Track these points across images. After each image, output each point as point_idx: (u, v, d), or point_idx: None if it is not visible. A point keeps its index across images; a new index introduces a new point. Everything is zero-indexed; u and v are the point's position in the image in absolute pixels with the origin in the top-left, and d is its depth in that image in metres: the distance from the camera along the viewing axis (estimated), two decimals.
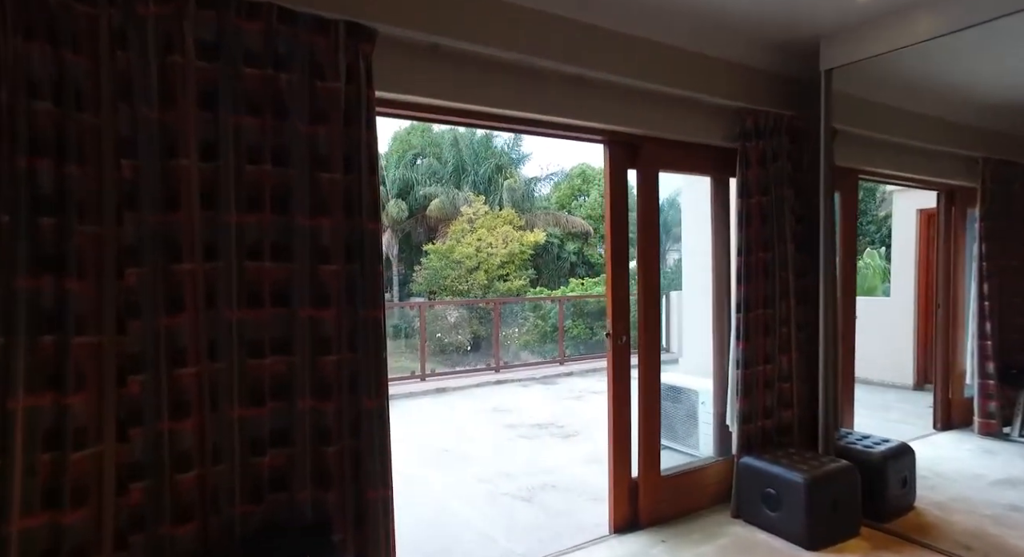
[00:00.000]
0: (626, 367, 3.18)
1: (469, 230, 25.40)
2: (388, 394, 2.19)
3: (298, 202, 1.99)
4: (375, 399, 2.11)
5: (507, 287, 24.39)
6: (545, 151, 39.04)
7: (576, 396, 6.49)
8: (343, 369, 2.07)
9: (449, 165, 30.32)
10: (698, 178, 4.52)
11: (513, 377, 7.34)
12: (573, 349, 16.53)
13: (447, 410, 5.98)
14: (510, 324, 24.75)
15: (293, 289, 1.99)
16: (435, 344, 23.91)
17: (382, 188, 26.96)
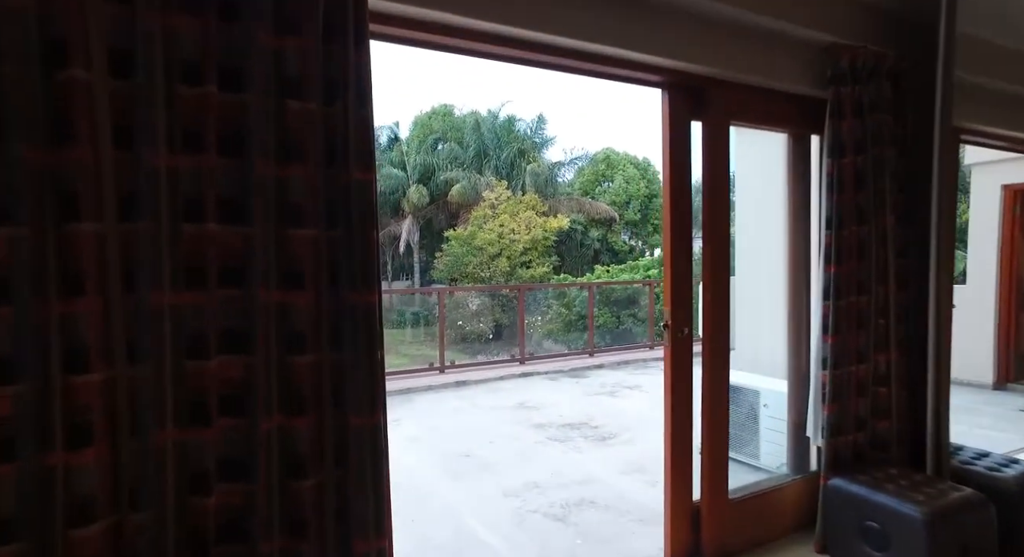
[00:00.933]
0: (687, 365, 2.58)
1: (491, 216, 24.84)
2: (385, 406, 1.64)
3: (258, 141, 1.43)
4: (367, 415, 1.56)
5: (530, 274, 23.82)
6: (569, 134, 38.11)
7: (609, 391, 5.91)
8: (323, 374, 1.52)
9: (471, 150, 29.71)
10: (757, 138, 3.88)
11: (539, 369, 6.78)
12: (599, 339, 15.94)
13: (468, 406, 5.45)
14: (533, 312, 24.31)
15: (252, 263, 1.43)
16: (456, 332, 23.54)
17: (403, 173, 26.77)
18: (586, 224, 32.08)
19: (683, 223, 2.55)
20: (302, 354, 1.49)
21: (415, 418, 5.04)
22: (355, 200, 1.54)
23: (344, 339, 1.53)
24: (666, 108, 2.51)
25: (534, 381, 6.46)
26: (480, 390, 6.06)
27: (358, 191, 1.55)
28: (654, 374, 6.68)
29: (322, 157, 1.52)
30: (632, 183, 35.53)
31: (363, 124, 1.57)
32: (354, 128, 1.55)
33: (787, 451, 3.09)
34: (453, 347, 22.79)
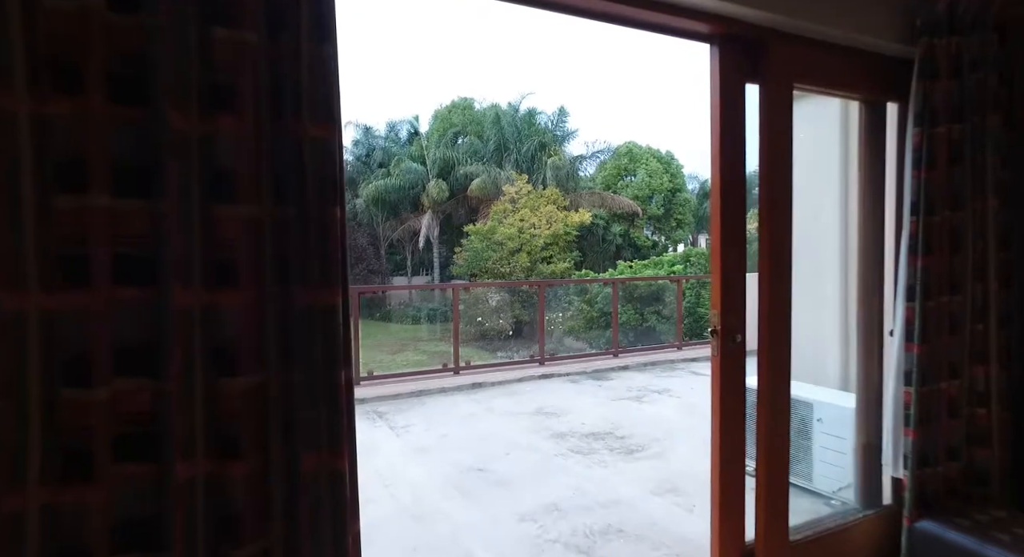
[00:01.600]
0: (739, 378, 2.14)
1: (511, 210, 24.42)
2: (353, 443, 1.23)
3: (168, 83, 1.03)
4: (327, 456, 1.15)
5: (551, 270, 23.37)
6: (591, 127, 37.63)
7: (635, 396, 5.46)
8: (266, 401, 1.12)
9: (491, 143, 29.29)
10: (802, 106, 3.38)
11: (560, 371, 6.36)
12: (623, 337, 15.38)
13: (483, 411, 5.05)
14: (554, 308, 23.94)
15: (163, 252, 1.04)
16: (475, 329, 23.22)
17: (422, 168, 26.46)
18: (608, 219, 31.50)
19: (735, 209, 2.10)
20: (236, 375, 1.09)
21: (426, 424, 4.65)
22: (310, 166, 1.14)
23: (295, 353, 1.13)
24: (716, 68, 2.06)
25: (554, 383, 6.04)
26: (497, 393, 5.66)
27: (314, 153, 1.14)
28: (683, 377, 6.21)
29: (265, 107, 1.11)
30: (655, 177, 34.79)
31: (323, 65, 1.16)
32: (309, 69, 1.14)
33: (854, 479, 2.63)
34: (472, 344, 22.45)
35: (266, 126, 1.11)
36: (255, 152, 1.10)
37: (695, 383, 5.93)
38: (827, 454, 3.13)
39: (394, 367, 18.53)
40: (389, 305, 30.82)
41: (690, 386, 5.77)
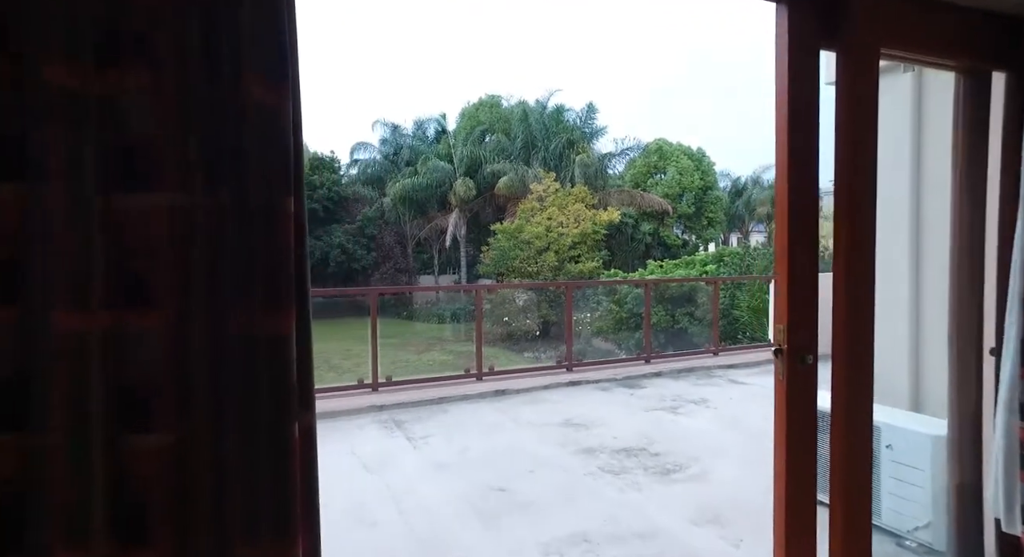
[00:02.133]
0: (809, 405, 1.76)
1: (539, 209, 24.09)
2: (316, 526, 0.91)
3: (41, 25, 0.74)
4: (273, 547, 0.84)
5: (578, 269, 22.97)
6: (621, 124, 37.00)
7: (670, 406, 5.08)
8: (188, 469, 0.82)
9: (518, 141, 28.98)
10: None
11: (589, 377, 6.00)
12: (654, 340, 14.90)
13: (507, 422, 4.74)
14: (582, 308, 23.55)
15: (33, 257, 0.75)
16: (503, 329, 22.96)
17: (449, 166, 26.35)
18: (637, 217, 30.93)
19: (806, 200, 1.73)
20: (145, 429, 0.79)
21: (445, 435, 4.36)
22: (255, 140, 0.83)
23: (227, 402, 0.82)
24: (783, 32, 1.69)
25: (583, 391, 5.70)
26: (522, 401, 5.34)
27: (261, 124, 0.83)
28: (721, 386, 5.80)
29: (191, 61, 0.81)
30: (686, 175, 34.03)
31: (273, 9, 0.85)
32: (253, 10, 0.83)
33: (942, 520, 2.23)
34: (498, 344, 22.17)
35: (193, 86, 0.81)
36: (177, 120, 0.80)
37: (734, 392, 5.52)
38: (900, 487, 2.73)
39: (420, 366, 18.38)
40: (415, 304, 30.77)
41: (728, 396, 5.37)
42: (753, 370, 6.43)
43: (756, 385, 5.79)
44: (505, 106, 32.13)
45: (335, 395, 5.02)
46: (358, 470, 3.64)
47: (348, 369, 18.01)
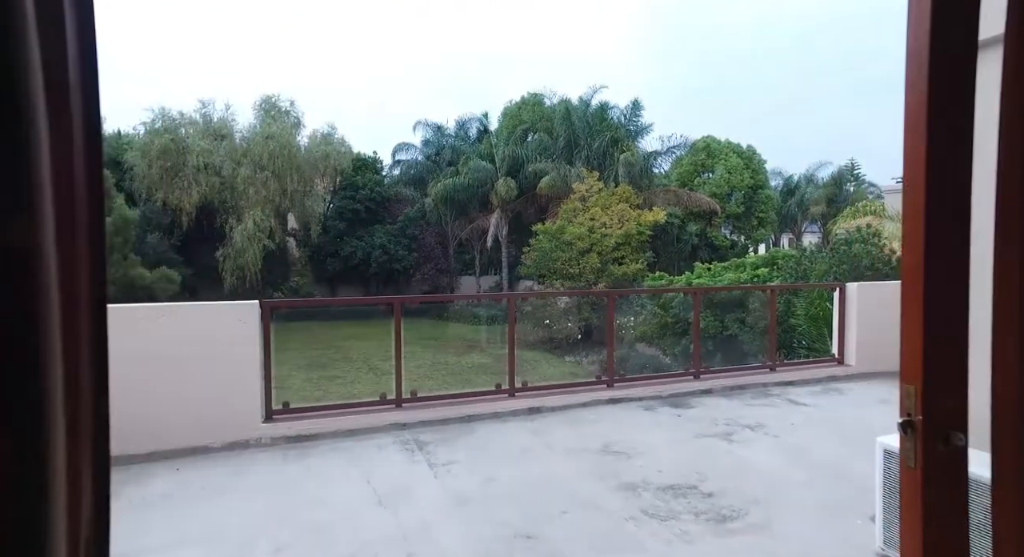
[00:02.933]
0: (959, 510, 1.25)
1: (581, 209, 23.54)
2: None
3: None
4: None
5: (622, 271, 22.33)
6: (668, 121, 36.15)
7: (723, 432, 4.55)
8: None
9: (560, 140, 28.48)
10: None
11: (632, 394, 5.51)
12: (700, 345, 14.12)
13: (540, 446, 4.31)
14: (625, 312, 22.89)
15: None
16: (543, 331, 22.50)
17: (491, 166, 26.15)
18: (683, 218, 30.02)
19: (956, 202, 1.23)
20: None
21: (471, 461, 3.96)
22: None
23: None
24: None
25: (625, 411, 5.21)
26: (557, 421, 4.90)
27: None
28: (779, 407, 5.22)
29: None
30: (735, 173, 32.86)
31: None
32: None
33: None
34: (538, 348, 21.75)
35: None
36: None
37: (795, 416, 4.94)
38: None
39: (460, 368, 18.17)
40: (455, 305, 30.67)
41: (789, 420, 4.79)
42: (814, 388, 5.81)
43: (819, 407, 5.19)
44: (548, 104, 31.68)
45: (356, 411, 4.70)
46: (370, 505, 3.28)
47: (387, 371, 17.89)
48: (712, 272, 16.54)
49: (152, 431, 4.00)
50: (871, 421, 4.69)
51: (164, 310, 4.15)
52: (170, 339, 4.07)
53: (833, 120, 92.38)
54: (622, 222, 23.54)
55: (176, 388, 4.05)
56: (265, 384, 4.40)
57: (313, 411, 4.59)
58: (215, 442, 4.16)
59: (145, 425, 3.98)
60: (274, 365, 4.54)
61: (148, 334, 4.01)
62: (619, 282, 22.67)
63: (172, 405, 4.04)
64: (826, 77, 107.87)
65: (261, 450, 4.18)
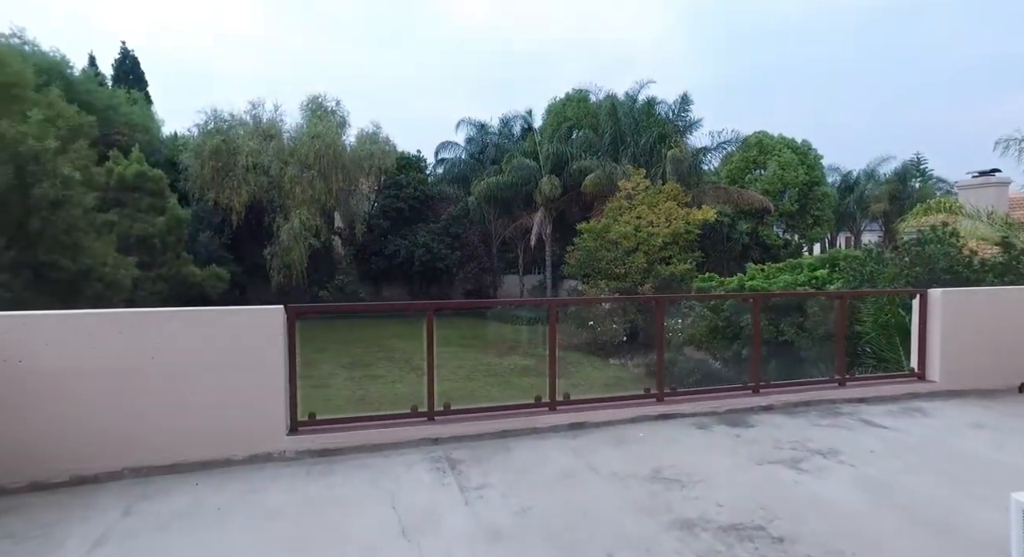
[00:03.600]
0: None
1: (627, 207, 22.91)
2: None
3: None
4: None
5: (669, 271, 21.59)
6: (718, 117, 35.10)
7: (790, 458, 4.04)
8: None
9: (606, 136, 27.84)
10: None
11: (684, 410, 5.03)
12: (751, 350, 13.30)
13: (582, 469, 3.90)
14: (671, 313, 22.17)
15: None
16: (587, 333, 21.97)
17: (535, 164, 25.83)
18: (733, 216, 28.94)
19: None
20: None
21: (505, 486, 3.60)
22: None
23: None
24: None
25: (677, 429, 4.75)
26: (602, 439, 4.48)
27: None
28: (853, 429, 4.65)
29: None
30: (788, 170, 31.48)
31: None
32: None
33: None
34: (582, 349, 21.23)
35: None
36: None
37: (872, 441, 4.36)
38: None
39: (502, 370, 17.85)
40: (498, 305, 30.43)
41: (868, 447, 4.22)
42: (891, 407, 5.19)
43: (901, 431, 4.60)
44: (593, 100, 31.06)
45: (385, 424, 4.40)
46: (393, 535, 2.95)
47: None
48: (766, 274, 15.73)
49: (175, 442, 3.80)
50: (971, 452, 4.10)
51: (188, 316, 3.94)
52: (193, 346, 3.86)
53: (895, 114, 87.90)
54: (670, 221, 22.80)
55: (199, 397, 3.84)
56: (290, 394, 4.16)
57: (340, 423, 4.32)
58: (237, 454, 3.94)
59: (169, 436, 3.79)
60: (317, 363, 4.28)
61: (169, 340, 3.81)
62: (666, 282, 21.93)
63: (195, 415, 3.84)
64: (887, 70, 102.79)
65: (284, 465, 3.94)
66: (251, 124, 25.38)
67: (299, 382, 4.22)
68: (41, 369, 3.55)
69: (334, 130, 25.22)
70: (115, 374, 3.67)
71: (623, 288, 21.79)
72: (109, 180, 18.03)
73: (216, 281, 19.27)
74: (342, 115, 26.61)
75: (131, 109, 26.09)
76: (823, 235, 34.69)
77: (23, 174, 11.87)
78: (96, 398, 3.64)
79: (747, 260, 29.47)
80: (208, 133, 24.01)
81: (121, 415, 3.69)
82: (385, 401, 14.09)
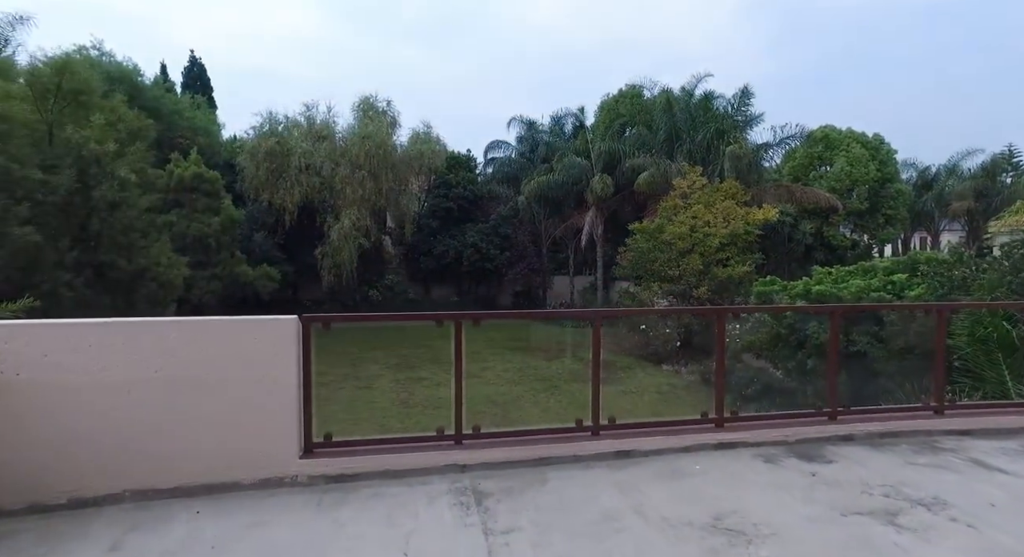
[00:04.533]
0: None
1: (682, 206, 21.92)
2: None
3: None
4: None
5: (727, 274, 20.49)
6: (780, 112, 33.52)
7: (883, 507, 3.35)
8: None
9: (660, 133, 26.84)
10: None
11: (747, 439, 4.39)
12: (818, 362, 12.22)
13: (628, 511, 3.35)
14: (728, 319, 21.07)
15: None
16: (639, 336, 21.12)
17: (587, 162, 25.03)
18: (796, 215, 27.38)
19: None
20: None
21: (537, 530, 3.09)
22: None
23: None
24: None
25: (739, 460, 4.11)
26: (652, 472, 3.90)
27: None
28: (963, 472, 3.87)
29: None
30: (857, 166, 29.55)
31: None
32: None
33: None
34: (634, 354, 20.44)
35: None
36: None
37: (991, 490, 3.57)
38: None
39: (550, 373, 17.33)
40: (549, 306, 29.87)
41: (985, 498, 3.44)
42: (1007, 444, 4.36)
43: None
44: (647, 96, 30.05)
45: (408, 448, 3.97)
46: None
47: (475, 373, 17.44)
48: (834, 277, 14.55)
49: (179, 463, 3.49)
50: None
51: (194, 326, 3.62)
52: (198, 358, 3.53)
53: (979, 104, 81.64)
54: (727, 220, 21.67)
55: (205, 415, 3.52)
56: (304, 412, 3.78)
57: (358, 445, 3.91)
58: (246, 478, 3.58)
59: (172, 457, 3.48)
60: (365, 363, 3.89)
61: (173, 352, 3.49)
62: (723, 285, 20.85)
63: (200, 434, 3.51)
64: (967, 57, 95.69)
65: (295, 492, 3.56)
66: (305, 125, 25.76)
67: (345, 383, 3.85)
68: (39, 382, 3.29)
69: (384, 130, 25.28)
70: (116, 388, 3.37)
71: (677, 291, 20.83)
72: (170, 182, 18.54)
73: (267, 280, 19.55)
74: (393, 115, 26.67)
75: (194, 114, 26.96)
76: (896, 235, 32.46)
77: (85, 177, 12.19)
78: (96, 413, 3.36)
79: (810, 262, 27.80)
80: (263, 135, 24.49)
81: (122, 432, 3.40)
82: (428, 405, 13.81)
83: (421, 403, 14.06)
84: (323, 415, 3.94)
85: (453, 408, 4.08)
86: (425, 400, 14.30)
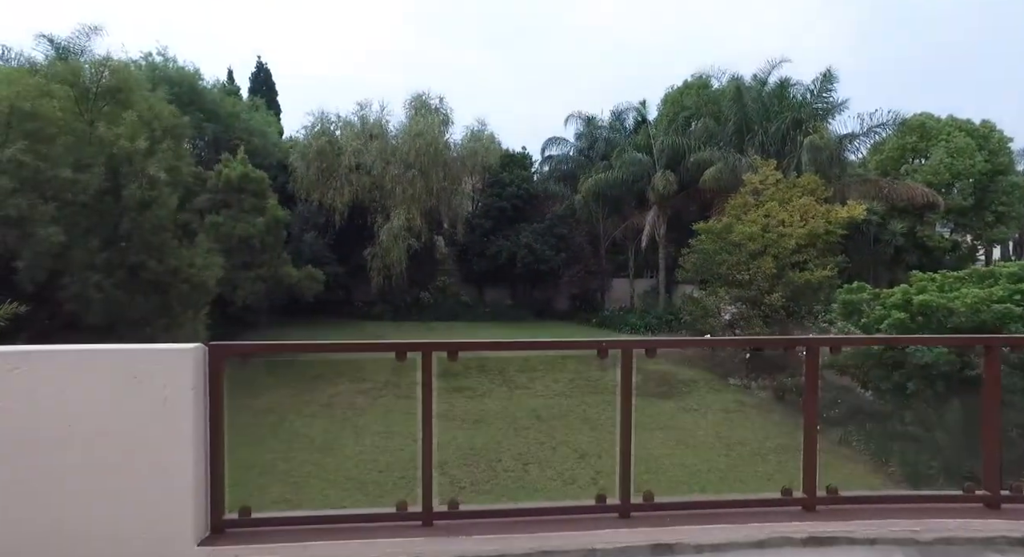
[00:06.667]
0: None
1: (753, 204, 19.92)
2: None
3: None
4: None
5: (804, 278, 18.39)
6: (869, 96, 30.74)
7: None
8: None
9: (729, 124, 24.76)
10: None
11: (851, 532, 2.98)
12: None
13: None
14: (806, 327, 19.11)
15: None
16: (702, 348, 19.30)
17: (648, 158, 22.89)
18: (883, 214, 24.68)
19: None
20: None
21: None
22: None
23: None
24: None
25: None
26: None
27: None
28: None
29: None
30: (959, 157, 26.29)
31: None
32: None
33: None
34: (698, 365, 18.67)
35: None
36: None
37: None
38: None
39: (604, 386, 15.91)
40: (607, 310, 28.31)
41: None
42: None
43: None
44: (715, 86, 27.97)
45: (355, 528, 2.81)
46: None
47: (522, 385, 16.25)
48: (939, 285, 12.42)
49: (29, 553, 2.49)
50: None
51: (44, 357, 2.60)
52: (56, 403, 2.52)
53: None
54: (805, 219, 19.53)
55: (64, 483, 2.51)
56: (211, 480, 2.70)
57: (285, 525, 2.80)
58: None
59: (19, 543, 2.48)
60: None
61: (22, 394, 2.49)
62: (799, 291, 18.75)
63: (58, 511, 2.50)
64: None
65: None
66: (358, 124, 25.42)
67: (391, 390, 2.71)
68: None
69: (436, 128, 24.56)
70: None
71: (746, 297, 18.89)
72: (218, 182, 18.43)
73: (311, 282, 19.12)
74: (445, 112, 25.93)
75: (252, 115, 27.19)
76: (1008, 236, 28.84)
77: (116, 176, 11.90)
78: None
79: (899, 266, 24.97)
80: (315, 134, 24.31)
81: None
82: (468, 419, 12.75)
83: (461, 417, 13.03)
84: (250, 479, 2.84)
85: (420, 473, 2.90)
86: (466, 413, 13.25)
